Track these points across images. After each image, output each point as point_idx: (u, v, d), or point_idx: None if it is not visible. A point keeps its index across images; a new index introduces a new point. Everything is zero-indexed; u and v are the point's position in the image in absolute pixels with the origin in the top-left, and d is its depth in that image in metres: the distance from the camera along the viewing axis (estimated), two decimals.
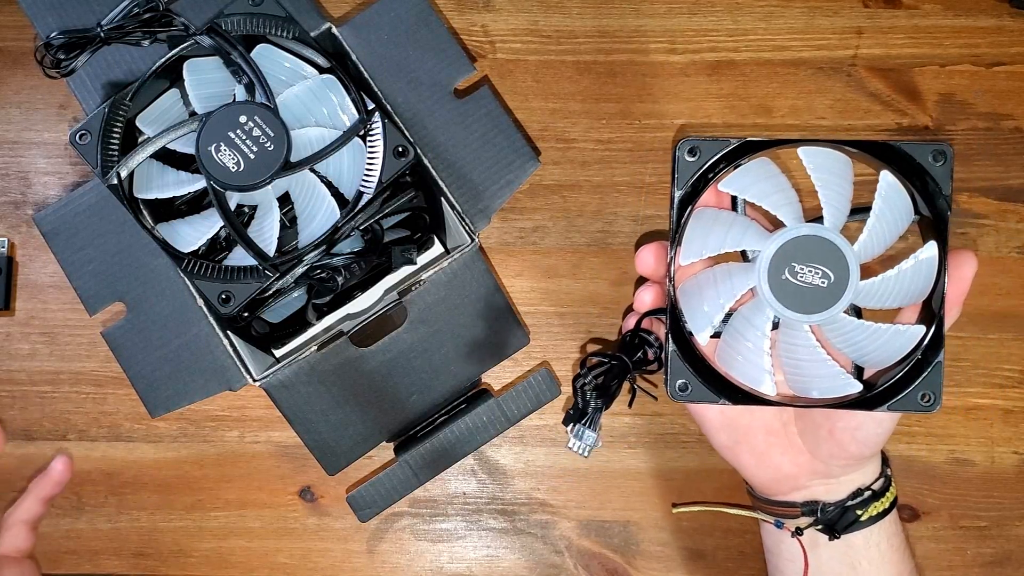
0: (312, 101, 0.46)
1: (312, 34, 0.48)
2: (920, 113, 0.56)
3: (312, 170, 0.45)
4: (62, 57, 0.51)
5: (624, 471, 0.55)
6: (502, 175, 0.52)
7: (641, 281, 0.48)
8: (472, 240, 0.51)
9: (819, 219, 0.41)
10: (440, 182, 0.51)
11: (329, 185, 0.46)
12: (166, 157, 0.46)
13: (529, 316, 0.56)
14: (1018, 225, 0.55)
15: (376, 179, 0.45)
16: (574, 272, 0.56)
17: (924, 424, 0.55)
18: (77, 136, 0.46)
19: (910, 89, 0.56)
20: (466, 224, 0.51)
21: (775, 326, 0.43)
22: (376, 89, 0.51)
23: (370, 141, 0.46)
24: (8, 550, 0.52)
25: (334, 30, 0.51)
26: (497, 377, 0.55)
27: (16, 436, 0.55)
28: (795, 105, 0.56)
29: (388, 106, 0.51)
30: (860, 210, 0.42)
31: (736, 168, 0.42)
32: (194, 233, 0.46)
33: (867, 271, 0.41)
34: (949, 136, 0.55)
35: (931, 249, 0.41)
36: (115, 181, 0.45)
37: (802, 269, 0.41)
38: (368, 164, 0.46)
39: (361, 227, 0.47)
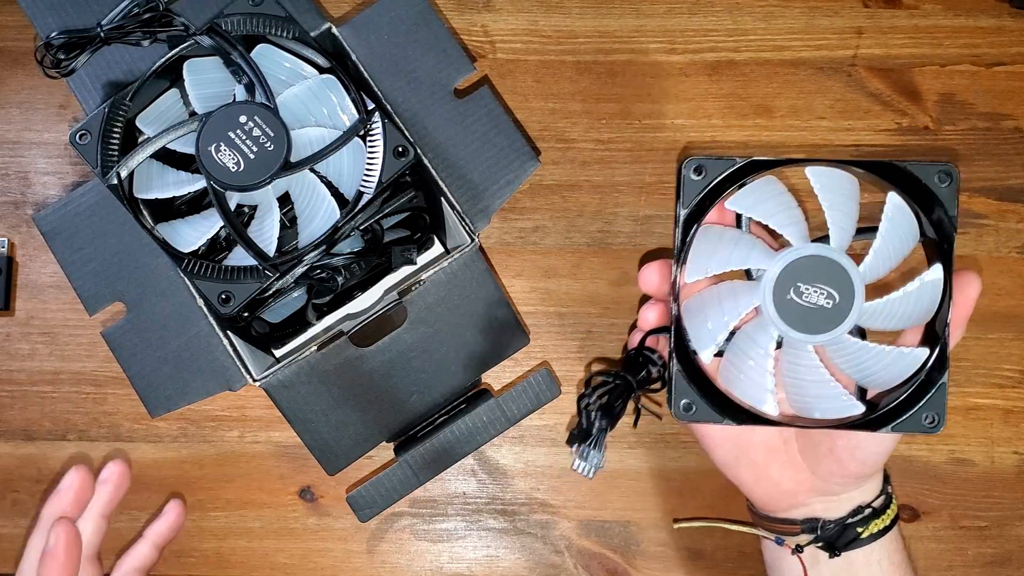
0: (312, 101, 0.46)
1: (312, 34, 0.48)
2: (920, 113, 0.56)
3: (312, 170, 0.45)
4: (62, 57, 0.51)
5: (624, 471, 0.55)
6: (502, 175, 0.52)
7: (645, 299, 0.48)
8: (472, 240, 0.51)
9: (825, 238, 0.41)
10: (440, 182, 0.51)
11: (329, 185, 0.46)
12: (166, 157, 0.46)
13: (529, 316, 0.56)
14: (1018, 225, 0.55)
15: (376, 179, 0.45)
16: (574, 272, 0.56)
17: None
18: (77, 136, 0.46)
19: (910, 89, 0.56)
20: (466, 224, 0.51)
21: (778, 345, 0.42)
22: (376, 89, 0.51)
23: (370, 141, 0.46)
24: None
25: (334, 30, 0.51)
26: (497, 377, 0.55)
27: (16, 436, 0.55)
28: (795, 105, 0.56)
29: (388, 106, 0.51)
30: (865, 230, 0.42)
31: (742, 187, 0.42)
32: (194, 233, 0.46)
33: (871, 292, 0.41)
34: (949, 136, 0.55)
35: (936, 272, 0.41)
36: (115, 181, 0.45)
37: (807, 289, 0.40)
38: (368, 164, 0.46)
39: (361, 227, 0.47)
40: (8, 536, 0.55)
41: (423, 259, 0.51)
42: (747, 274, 0.44)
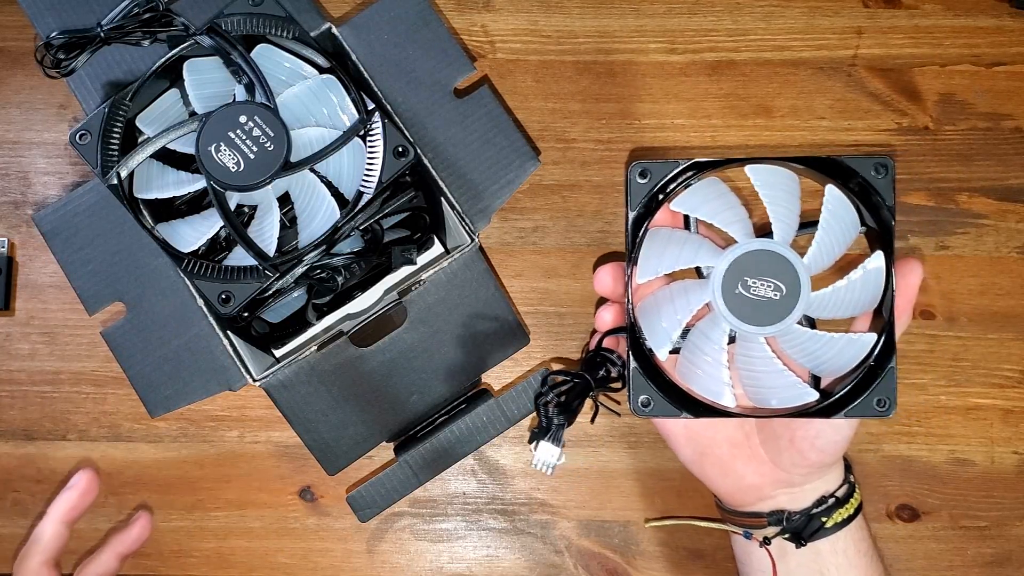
0: (312, 101, 0.46)
1: (312, 34, 0.48)
2: (920, 113, 0.56)
3: (312, 170, 0.45)
4: (62, 57, 0.51)
5: (624, 471, 0.55)
6: (502, 175, 0.52)
7: (602, 301, 0.48)
8: (472, 240, 0.51)
9: (769, 234, 0.42)
10: (440, 182, 0.51)
11: (329, 185, 0.46)
12: (166, 157, 0.46)
13: (529, 316, 0.56)
14: (1018, 225, 0.55)
15: (376, 179, 0.45)
16: (574, 272, 0.56)
17: (924, 424, 0.55)
18: (77, 136, 0.46)
19: (910, 89, 0.56)
20: (466, 224, 0.51)
21: (732, 339, 0.43)
22: (376, 89, 0.51)
23: (370, 141, 0.46)
24: None
25: (334, 30, 0.51)
26: (497, 377, 0.55)
27: (16, 436, 0.55)
28: (795, 105, 0.56)
29: (388, 106, 0.51)
30: (809, 224, 0.43)
31: (686, 188, 0.44)
32: (194, 233, 0.46)
33: (818, 283, 0.42)
34: (949, 136, 0.56)
35: (878, 259, 0.42)
36: (115, 181, 0.45)
37: (755, 283, 0.42)
38: (368, 164, 0.46)
39: (361, 227, 0.47)
40: (8, 536, 0.55)
41: (423, 259, 0.51)
42: (698, 272, 0.46)
